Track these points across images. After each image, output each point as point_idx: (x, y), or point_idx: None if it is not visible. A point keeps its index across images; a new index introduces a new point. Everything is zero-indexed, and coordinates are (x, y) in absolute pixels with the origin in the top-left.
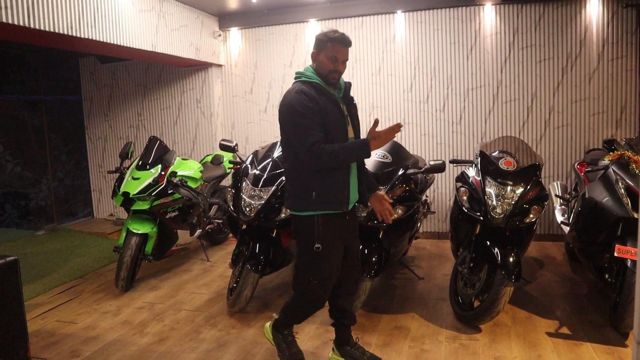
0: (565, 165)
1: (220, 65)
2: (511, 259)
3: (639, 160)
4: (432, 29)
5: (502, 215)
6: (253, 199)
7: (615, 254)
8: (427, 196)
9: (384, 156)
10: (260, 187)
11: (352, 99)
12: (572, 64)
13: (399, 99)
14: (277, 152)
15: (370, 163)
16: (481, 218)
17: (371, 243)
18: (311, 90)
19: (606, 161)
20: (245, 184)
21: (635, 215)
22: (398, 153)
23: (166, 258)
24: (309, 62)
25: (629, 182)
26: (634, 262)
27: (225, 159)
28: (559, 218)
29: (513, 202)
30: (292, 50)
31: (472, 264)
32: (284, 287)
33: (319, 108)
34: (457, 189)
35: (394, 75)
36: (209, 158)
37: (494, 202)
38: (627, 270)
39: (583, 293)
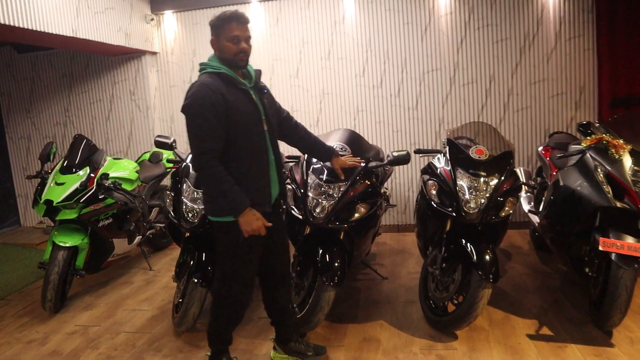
0: (527, 149)
1: (154, 53)
2: (487, 257)
3: (619, 145)
4: (384, 9)
5: (476, 210)
6: (196, 202)
7: (600, 248)
8: (386, 188)
9: (342, 148)
10: None
11: (263, 87)
12: (529, 44)
13: (351, 85)
14: None
15: None
16: (453, 214)
17: (332, 247)
18: (218, 83)
19: (581, 146)
20: (187, 186)
21: (618, 205)
22: (357, 145)
23: (103, 270)
24: (252, 47)
25: (609, 169)
26: (619, 256)
27: (165, 156)
28: (526, 207)
29: (488, 195)
30: None
31: (444, 264)
32: None
33: (226, 104)
34: (424, 182)
35: (344, 59)
36: (147, 156)
37: (467, 196)
38: (612, 264)
39: (556, 286)
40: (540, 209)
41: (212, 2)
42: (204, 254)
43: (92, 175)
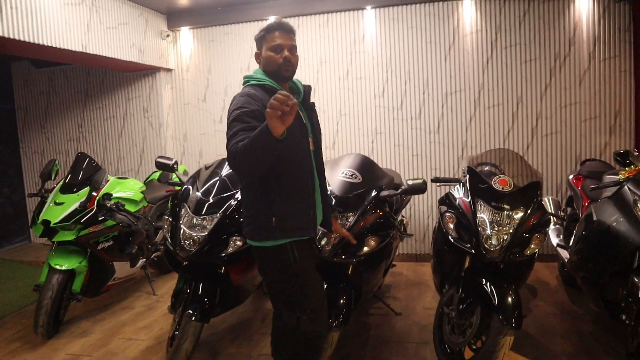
0: (556, 177)
1: (169, 70)
2: (510, 300)
3: None
4: (406, 27)
5: (498, 248)
6: (194, 229)
7: None
8: (403, 216)
9: (352, 175)
10: (204, 214)
11: (312, 105)
12: (560, 65)
13: (370, 106)
14: (227, 170)
15: (335, 184)
16: (472, 251)
17: (338, 282)
18: (261, 94)
19: (618, 177)
20: (185, 211)
21: None
22: (369, 171)
23: (103, 294)
24: None
25: None
26: None
27: (174, 176)
28: (554, 240)
29: (511, 231)
30: (250, 52)
31: (461, 306)
32: (239, 329)
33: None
34: (441, 215)
35: (363, 79)
36: (156, 175)
37: (488, 231)
38: None
39: (588, 330)
40: (571, 244)
41: (229, 19)
42: (201, 285)
43: (93, 194)
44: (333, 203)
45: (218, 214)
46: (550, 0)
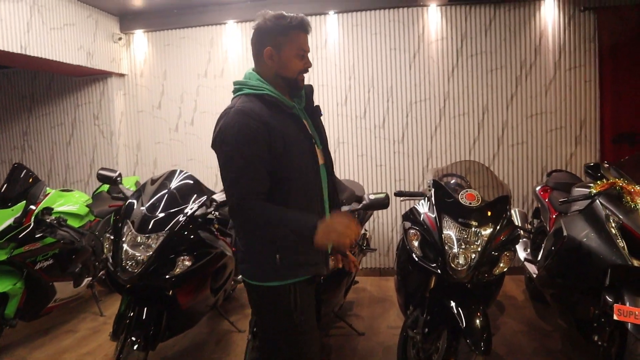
0: (522, 188)
1: (122, 75)
2: (478, 323)
3: (635, 191)
4: (370, 33)
5: (465, 267)
6: (138, 249)
7: (615, 317)
8: (366, 230)
9: None
10: (149, 232)
11: (317, 108)
12: (526, 74)
13: (332, 114)
14: (177, 182)
15: None
16: (438, 271)
17: None
18: (259, 107)
19: (589, 191)
20: (127, 228)
21: (635, 263)
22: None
23: (43, 317)
24: (227, 70)
25: (624, 220)
26: (637, 327)
27: (127, 187)
28: (522, 254)
29: (480, 249)
30: (208, 57)
31: (426, 329)
32: (190, 353)
33: (269, 135)
34: (405, 231)
35: (326, 86)
36: (106, 187)
37: (455, 250)
38: (628, 335)
39: (556, 347)
40: (539, 258)
41: (186, 22)
42: (145, 309)
43: (31, 208)
44: None
45: (164, 232)
46: (516, 8)
